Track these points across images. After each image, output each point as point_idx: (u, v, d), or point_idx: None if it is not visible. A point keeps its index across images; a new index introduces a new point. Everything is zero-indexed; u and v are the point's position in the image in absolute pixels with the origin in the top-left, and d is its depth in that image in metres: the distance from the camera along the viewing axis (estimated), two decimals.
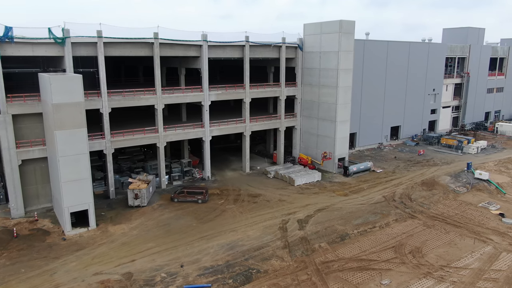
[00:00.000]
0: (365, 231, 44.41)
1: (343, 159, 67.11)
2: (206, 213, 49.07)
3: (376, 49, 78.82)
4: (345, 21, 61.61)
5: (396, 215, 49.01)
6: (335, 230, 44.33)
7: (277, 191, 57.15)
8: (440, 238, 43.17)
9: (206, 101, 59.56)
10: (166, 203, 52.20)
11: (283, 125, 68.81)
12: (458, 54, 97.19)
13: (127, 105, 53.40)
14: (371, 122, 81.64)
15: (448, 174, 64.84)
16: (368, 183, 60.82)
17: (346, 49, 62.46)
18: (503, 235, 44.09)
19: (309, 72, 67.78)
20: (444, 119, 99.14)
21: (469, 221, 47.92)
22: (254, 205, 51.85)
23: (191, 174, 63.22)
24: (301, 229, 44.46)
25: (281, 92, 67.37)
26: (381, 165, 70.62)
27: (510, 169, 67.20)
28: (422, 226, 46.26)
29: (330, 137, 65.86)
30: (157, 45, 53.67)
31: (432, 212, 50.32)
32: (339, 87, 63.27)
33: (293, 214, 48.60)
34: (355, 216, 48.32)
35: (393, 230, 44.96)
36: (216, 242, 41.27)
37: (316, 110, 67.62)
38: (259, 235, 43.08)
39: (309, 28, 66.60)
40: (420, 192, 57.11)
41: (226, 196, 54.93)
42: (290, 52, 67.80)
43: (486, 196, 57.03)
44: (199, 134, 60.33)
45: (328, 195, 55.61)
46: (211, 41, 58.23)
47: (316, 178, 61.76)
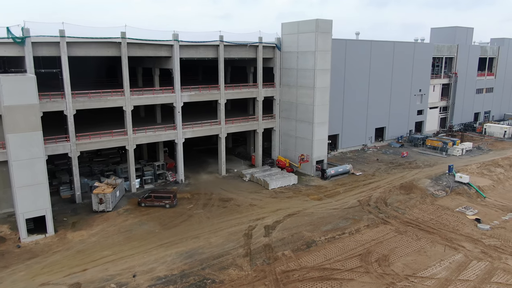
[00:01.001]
0: (333, 238, 42.78)
1: (322, 161, 65.48)
2: (172, 218, 47.44)
3: (359, 49, 77.17)
4: (321, 20, 59.96)
5: (368, 220, 47.38)
6: (302, 237, 42.70)
7: (250, 195, 55.53)
8: (410, 245, 41.54)
9: (178, 102, 57.90)
10: (133, 208, 50.58)
11: (261, 127, 67.18)
12: (445, 54, 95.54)
13: (93, 106, 51.77)
14: (354, 123, 79.99)
15: (429, 177, 63.18)
16: (345, 187, 59.19)
17: (323, 49, 60.82)
18: (476, 242, 42.46)
19: (287, 72, 66.17)
20: (431, 120, 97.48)
21: (443, 226, 46.31)
22: (223, 210, 50.23)
23: (164, 177, 61.59)
24: (266, 236, 42.83)
25: (258, 93, 65.73)
26: (362, 167, 69.00)
27: (492, 171, 65.58)
28: (394, 232, 44.63)
29: (308, 139, 64.23)
30: (125, 45, 52.03)
31: (407, 217, 48.70)
32: (316, 88, 61.62)
33: (262, 220, 46.97)
34: (326, 221, 46.68)
35: (363, 237, 43.33)
36: (175, 250, 39.64)
37: (294, 112, 66.01)
38: (222, 242, 41.46)
39: (286, 28, 64.99)
40: (397, 196, 55.48)
41: (196, 200, 53.31)
42: (268, 52, 66.17)
43: (465, 200, 55.44)
44: (171, 136, 58.70)
45: (301, 199, 53.97)
46: (182, 40, 56.61)
47: (292, 181, 60.14)
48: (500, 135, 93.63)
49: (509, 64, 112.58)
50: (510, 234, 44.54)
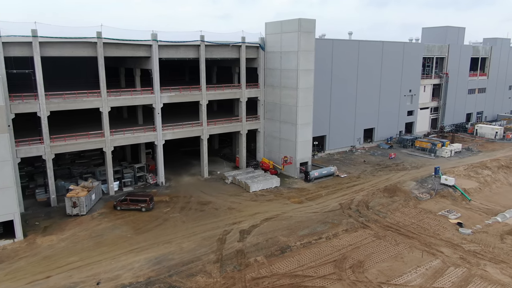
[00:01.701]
0: (309, 243, 41.67)
1: (306, 163, 64.37)
2: (147, 222, 46.36)
3: (346, 49, 76.05)
4: (304, 20, 58.84)
5: (347, 224, 46.27)
6: (276, 242, 41.60)
7: (230, 198, 54.43)
8: (387, 251, 40.43)
9: (157, 103, 56.80)
10: (108, 211, 49.49)
11: (244, 128, 66.07)
12: (436, 54, 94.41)
13: (68, 108, 50.66)
14: (342, 124, 78.88)
15: (415, 179, 62.07)
16: (328, 189, 58.09)
17: (306, 49, 59.70)
18: (456, 247, 41.35)
19: (271, 73, 65.07)
20: (422, 120, 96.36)
21: (423, 231, 45.20)
22: (200, 213, 49.14)
23: (145, 180, 60.49)
24: (240, 241, 41.73)
25: (241, 93, 64.60)
26: (348, 169, 67.89)
27: (479, 174, 64.44)
28: (373, 237, 43.52)
29: (292, 140, 63.13)
30: (101, 45, 50.92)
31: (387, 221, 47.59)
32: (299, 89, 60.51)
33: (238, 224, 45.87)
34: (303, 226, 45.58)
35: (340, 242, 42.22)
36: (145, 256, 38.54)
37: (278, 113, 64.92)
38: (194, 247, 40.37)
39: (270, 27, 63.89)
40: (380, 199, 54.37)
41: (174, 203, 52.21)
42: (251, 52, 65.04)
43: (450, 204, 54.33)
44: (151, 138, 57.62)
45: (281, 203, 52.88)
46: (161, 40, 55.52)
47: (275, 184, 59.03)
48: (492, 136, 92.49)
49: (502, 64, 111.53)
50: (492, 239, 43.43)
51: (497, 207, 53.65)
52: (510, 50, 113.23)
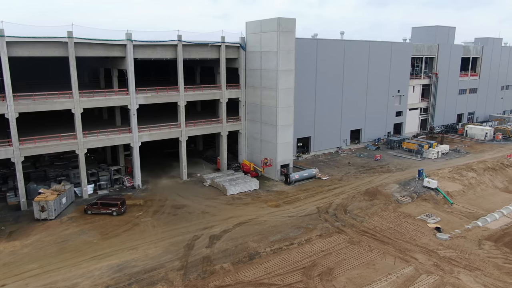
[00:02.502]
0: (279, 249, 40.39)
1: (287, 165, 63.10)
2: (116, 227, 45.10)
3: (331, 49, 74.75)
4: (283, 19, 57.56)
5: (322, 229, 44.99)
6: (246, 248, 40.32)
7: (206, 201, 53.17)
8: (359, 257, 39.15)
9: (133, 104, 55.55)
10: (79, 215, 48.23)
11: (225, 130, 64.80)
12: (425, 54, 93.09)
13: (38, 109, 49.44)
14: (327, 125, 77.58)
15: (398, 181, 60.81)
16: (307, 192, 56.82)
17: (285, 48, 58.42)
18: (431, 253, 40.06)
19: (251, 73, 63.82)
20: (411, 121, 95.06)
21: (400, 236, 43.92)
22: (173, 217, 47.88)
23: (121, 182, 59.23)
24: (209, 247, 40.46)
25: (221, 94, 63.34)
26: (331, 171, 66.61)
27: (464, 176, 63.14)
28: (347, 242, 42.23)
29: (272, 142, 61.87)
30: (72, 45, 49.67)
31: (364, 226, 46.31)
32: (279, 89, 59.24)
33: (209, 229, 44.60)
34: (276, 231, 44.30)
35: (312, 248, 40.94)
36: (107, 263, 37.28)
37: (259, 114, 63.67)
38: (160, 253, 39.10)
39: (250, 27, 62.62)
40: (359, 202, 53.09)
41: (147, 207, 50.95)
42: (232, 52, 63.80)
43: (431, 207, 53.07)
44: (126, 140, 56.39)
45: (258, 206, 51.60)
46: (136, 40, 54.26)
47: (253, 186, 57.75)
48: (481, 137, 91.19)
49: (493, 64, 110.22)
50: (470, 244, 42.14)
51: (480, 211, 52.40)
52: (502, 50, 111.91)
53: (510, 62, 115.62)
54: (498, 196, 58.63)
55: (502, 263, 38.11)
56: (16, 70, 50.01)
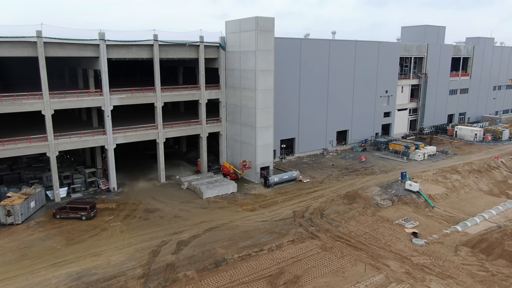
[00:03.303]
0: (248, 256, 39.08)
1: (267, 168, 61.79)
2: (83, 232, 43.81)
3: (316, 48, 73.44)
4: (262, 18, 56.25)
5: (295, 235, 43.68)
6: (213, 254, 39.02)
7: (180, 205, 51.88)
8: (330, 265, 37.85)
9: (107, 105, 54.26)
10: (47, 220, 46.95)
11: (205, 131, 63.50)
12: (414, 54, 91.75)
13: (5, 111, 48.15)
14: (312, 126, 76.27)
15: (380, 184, 59.50)
16: (286, 195, 55.52)
17: (264, 48, 57.11)
18: (404, 260, 38.75)
19: (231, 73, 62.52)
20: (400, 122, 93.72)
21: (375, 241, 42.61)
22: (143, 222, 46.60)
23: (97, 185, 57.94)
24: (175, 253, 39.16)
25: (201, 95, 62.03)
26: (314, 173, 65.30)
27: (448, 178, 61.80)
28: (319, 248, 40.93)
29: (252, 144, 60.57)
30: (41, 45, 48.38)
31: (339, 231, 45.00)
32: (257, 90, 57.92)
33: (179, 234, 43.30)
34: (248, 236, 42.99)
35: (283, 254, 39.63)
36: (67, 270, 35.99)
37: (239, 115, 62.37)
38: (123, 260, 37.81)
39: (230, 26, 61.31)
40: (338, 206, 51.78)
41: (119, 211, 49.66)
42: (211, 52, 62.51)
43: (411, 211, 51.77)
44: (100, 142, 55.10)
45: (233, 210, 50.30)
46: (110, 40, 52.97)
47: (231, 189, 56.46)
48: (471, 138, 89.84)
49: (485, 64, 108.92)
50: (445, 250, 40.83)
51: (461, 215, 51.11)
52: (494, 49, 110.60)
53: (502, 62, 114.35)
54: (482, 199, 57.31)
55: (477, 270, 36.79)
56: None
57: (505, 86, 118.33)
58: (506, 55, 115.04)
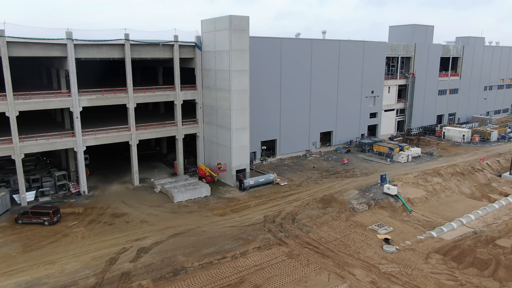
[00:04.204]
0: (209, 263, 37.55)
1: (244, 170, 60.25)
2: (43, 238, 42.31)
3: (297, 48, 71.91)
4: (235, 17, 54.72)
5: (262, 241, 42.13)
6: (173, 262, 37.50)
7: (149, 209, 50.37)
8: (293, 273, 36.30)
9: (75, 107, 52.76)
10: (9, 225, 45.46)
11: (180, 133, 61.97)
12: (401, 54, 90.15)
13: None
14: (295, 127, 74.74)
15: (359, 187, 57.98)
16: (260, 199, 54.00)
17: (238, 48, 55.55)
18: (372, 268, 37.20)
19: (207, 73, 61.01)
20: (387, 123, 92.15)
21: (344, 248, 41.06)
22: (108, 227, 45.08)
23: (67, 188, 56.44)
24: (133, 261, 37.64)
25: (176, 96, 60.51)
26: (293, 176, 63.77)
27: (429, 181, 60.22)
28: (285, 256, 39.37)
29: (227, 146, 59.03)
30: (4, 44, 46.89)
31: (309, 237, 43.45)
32: (232, 91, 56.38)
33: (141, 240, 41.79)
34: (212, 242, 41.46)
35: (246, 262, 38.09)
36: (17, 279, 34.48)
37: (215, 116, 60.85)
38: (78, 269, 36.28)
39: (205, 25, 59.78)
40: (311, 211, 50.23)
41: (85, 216, 48.15)
42: (187, 51, 60.99)
43: (387, 215, 50.22)
44: (69, 144, 53.63)
45: (202, 215, 48.78)
46: (78, 39, 51.45)
47: (204, 193, 54.94)
48: (459, 139, 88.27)
49: (475, 64, 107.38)
50: (416, 258, 39.26)
51: (439, 220, 49.60)
52: (485, 49, 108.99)
53: (493, 62, 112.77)
54: (463, 203, 55.78)
55: (445, 280, 35.23)
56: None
57: (496, 86, 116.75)
58: (497, 54, 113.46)
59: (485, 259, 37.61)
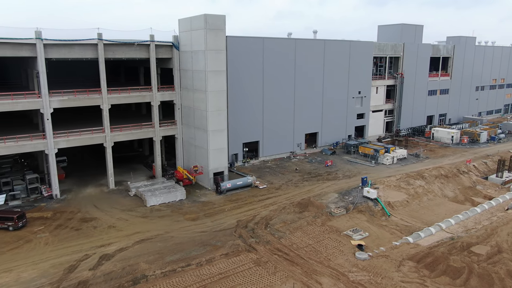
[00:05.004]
0: (173, 271, 36.17)
1: (222, 173, 58.86)
2: (4, 244, 40.97)
3: (280, 48, 70.50)
4: (211, 16, 53.35)
5: (231, 247, 40.74)
6: (134, 270, 36.12)
7: (120, 214, 49.01)
8: (258, 282, 34.90)
9: (46, 108, 51.42)
10: None
11: (158, 134, 60.61)
12: (389, 53, 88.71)
13: None
14: (279, 129, 73.36)
15: (339, 190, 56.59)
16: (236, 203, 52.63)
17: (214, 48, 54.18)
18: (340, 276, 35.81)
19: (185, 74, 59.67)
20: (375, 124, 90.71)
21: (315, 255, 39.67)
22: (74, 233, 43.73)
23: (40, 192, 55.09)
24: (93, 269, 36.27)
25: (152, 97, 59.15)
26: (273, 179, 62.37)
27: (411, 184, 58.81)
28: (252, 263, 37.99)
29: (204, 148, 57.66)
30: None
31: (281, 243, 42.06)
32: (208, 92, 55.00)
33: (106, 247, 40.42)
34: (179, 249, 40.09)
35: (211, 270, 36.70)
36: None
37: (193, 118, 59.49)
38: (34, 277, 34.93)
39: (182, 24, 58.46)
40: (287, 215, 48.84)
41: (53, 221, 46.79)
42: (164, 51, 59.65)
43: (365, 220, 48.83)
44: (40, 146, 52.32)
45: (174, 220, 47.41)
46: (47, 39, 50.10)
47: (179, 196, 53.59)
48: (448, 140, 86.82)
49: (467, 64, 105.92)
50: (388, 265, 37.85)
51: (418, 224, 48.21)
52: (476, 49, 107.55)
53: (485, 62, 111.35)
54: (444, 207, 54.36)
55: None
56: None
57: (488, 86, 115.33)
58: (489, 54, 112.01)
59: (458, 267, 36.23)
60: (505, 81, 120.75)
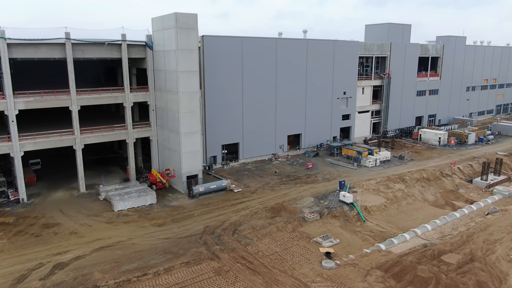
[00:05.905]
0: (127, 281, 34.53)
1: (196, 176, 57.22)
2: None
3: (261, 48, 68.87)
4: (181, 14, 51.76)
5: (193, 255, 39.10)
6: (86, 280, 34.48)
7: (85, 219, 47.39)
8: None
9: (10, 110, 49.84)
10: None
11: (131, 136, 59.00)
12: (376, 53, 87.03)
13: None
14: (259, 130, 71.72)
15: (316, 194, 54.95)
16: (207, 208, 50.99)
17: (186, 47, 52.54)
18: (303, 287, 34.13)
19: (158, 74, 58.05)
20: (361, 125, 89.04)
21: (280, 263, 38.01)
22: (32, 240, 42.11)
23: (6, 196, 53.49)
24: (44, 279, 34.66)
25: (125, 98, 57.53)
26: (250, 182, 60.73)
27: (390, 188, 57.15)
28: (213, 272, 36.35)
29: (177, 151, 56.03)
30: None
31: (247, 250, 40.40)
32: (180, 93, 53.35)
33: (62, 255, 38.80)
34: (138, 257, 38.46)
35: (168, 279, 35.07)
36: None
37: (166, 119, 57.87)
38: None
39: (155, 23, 56.85)
40: (258, 220, 47.19)
41: (14, 226, 45.19)
42: (138, 51, 58.05)
43: (338, 225, 47.15)
44: (4, 149, 50.72)
45: (138, 225, 45.78)
46: (11, 38, 48.48)
47: (149, 201, 51.97)
48: (435, 141, 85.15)
49: (457, 64, 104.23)
50: (355, 274, 36.17)
51: (393, 230, 46.55)
52: (466, 49, 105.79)
53: (476, 62, 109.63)
54: (423, 211, 52.69)
55: None
56: None
57: (479, 86, 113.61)
58: (480, 54, 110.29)
59: (425, 277, 34.55)
60: (497, 82, 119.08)
